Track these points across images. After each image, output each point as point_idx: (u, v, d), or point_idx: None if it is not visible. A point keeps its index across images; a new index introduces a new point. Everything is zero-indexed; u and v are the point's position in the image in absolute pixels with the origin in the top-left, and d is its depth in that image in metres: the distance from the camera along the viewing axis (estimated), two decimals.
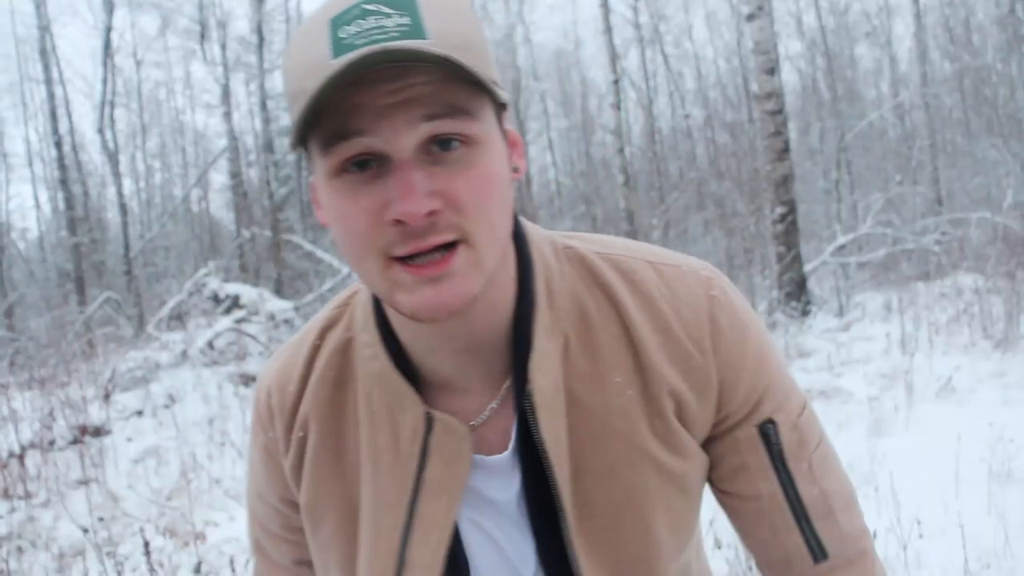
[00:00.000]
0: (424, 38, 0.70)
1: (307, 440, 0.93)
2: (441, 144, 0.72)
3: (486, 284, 0.77)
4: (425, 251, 0.73)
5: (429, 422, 0.86)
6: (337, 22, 0.71)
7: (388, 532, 0.87)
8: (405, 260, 0.74)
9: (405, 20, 0.70)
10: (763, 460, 0.90)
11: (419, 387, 0.88)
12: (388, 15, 0.71)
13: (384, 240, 0.73)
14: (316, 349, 0.96)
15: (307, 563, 1.03)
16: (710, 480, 0.95)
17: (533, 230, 0.92)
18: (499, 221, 0.77)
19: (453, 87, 0.72)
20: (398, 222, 0.71)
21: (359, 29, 0.70)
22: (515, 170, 0.83)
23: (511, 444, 0.88)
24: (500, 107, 0.80)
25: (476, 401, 0.88)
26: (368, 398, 0.90)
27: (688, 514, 0.93)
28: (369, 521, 0.89)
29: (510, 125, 0.84)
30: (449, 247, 0.73)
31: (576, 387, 0.87)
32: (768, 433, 0.90)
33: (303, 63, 0.73)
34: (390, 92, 0.70)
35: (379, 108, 0.70)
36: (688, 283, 0.89)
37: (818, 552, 0.92)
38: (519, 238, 0.89)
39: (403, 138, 0.71)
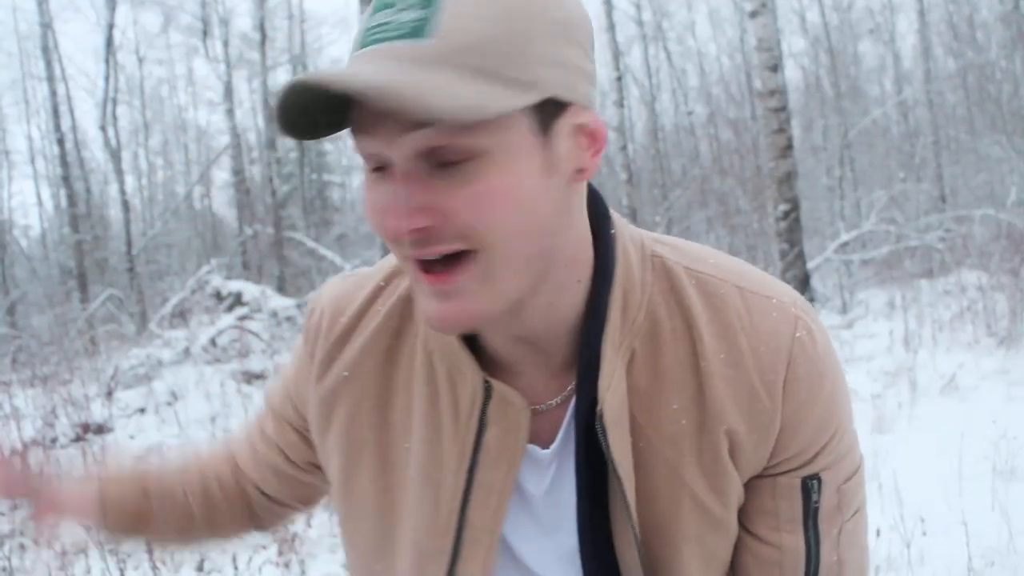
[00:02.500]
0: (425, 37, 0.66)
1: (351, 382, 0.92)
2: (441, 154, 0.68)
3: (506, 304, 0.73)
4: (431, 258, 0.70)
5: (487, 390, 0.84)
6: (378, 6, 0.69)
7: (450, 493, 0.86)
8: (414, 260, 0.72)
9: (418, 14, 0.66)
10: (796, 513, 0.86)
11: (479, 356, 0.86)
12: (409, 7, 0.67)
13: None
14: (380, 290, 0.94)
15: (267, 466, 1.07)
16: None
17: (624, 231, 0.86)
18: (518, 237, 0.71)
19: None
20: None
21: (378, 22, 0.68)
22: (580, 171, 0.76)
23: (556, 441, 0.87)
24: (553, 107, 0.71)
25: (531, 387, 0.86)
26: (429, 357, 0.88)
27: (723, 550, 0.89)
28: (427, 479, 0.87)
29: (587, 119, 0.74)
30: (459, 255, 0.70)
31: (632, 404, 0.83)
32: (810, 488, 0.86)
33: (352, 40, 0.72)
34: None
35: (377, 111, 0.66)
36: (773, 319, 0.83)
37: None
38: (604, 240, 0.84)
39: (395, 147, 0.68)
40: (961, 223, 10.93)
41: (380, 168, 0.71)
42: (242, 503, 1.13)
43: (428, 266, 0.71)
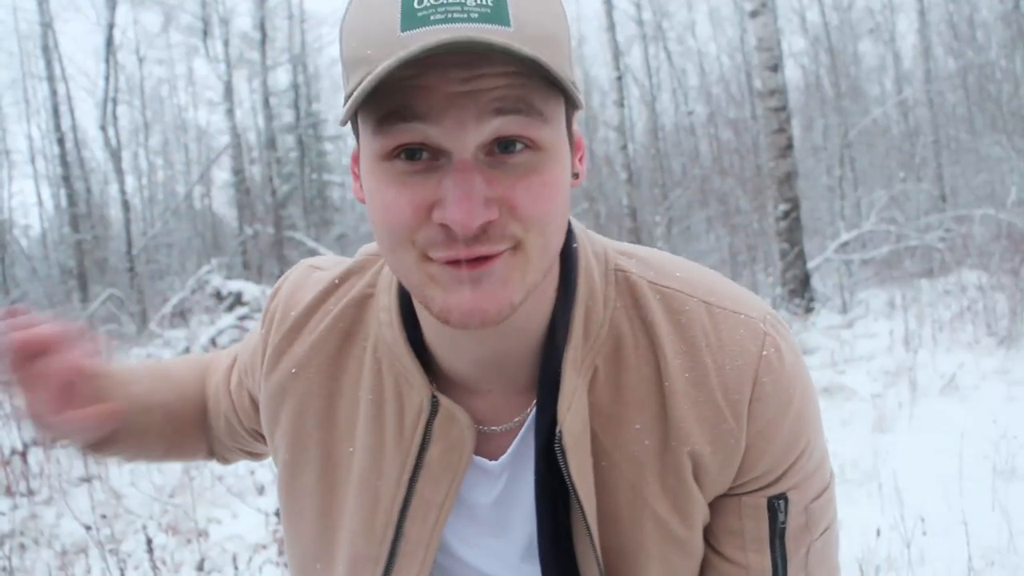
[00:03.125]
0: (506, 24, 0.63)
1: (298, 380, 0.90)
2: (504, 146, 0.66)
3: (527, 296, 0.71)
4: (468, 258, 0.67)
5: (434, 405, 0.82)
6: None
7: (388, 503, 0.85)
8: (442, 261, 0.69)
9: (487, 0, 0.63)
10: (762, 533, 0.84)
11: (429, 369, 0.84)
12: None
13: (424, 238, 0.68)
14: (333, 288, 0.92)
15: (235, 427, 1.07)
16: None
17: (587, 244, 0.86)
18: (555, 233, 0.71)
19: (529, 84, 0.65)
20: (446, 226, 0.66)
21: (435, 1, 0.63)
22: (575, 176, 0.77)
23: (506, 454, 0.85)
24: (573, 109, 0.73)
25: (490, 408, 0.84)
26: (378, 364, 0.86)
27: (688, 569, 0.87)
28: (366, 486, 0.86)
29: (576, 127, 0.78)
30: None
31: (594, 422, 0.81)
32: (776, 508, 0.83)
33: (366, 27, 0.66)
34: (462, 79, 0.63)
35: (447, 95, 0.64)
36: (740, 335, 0.81)
37: None
38: (567, 254, 0.83)
39: (468, 133, 0.64)
40: (961, 223, 10.92)
41: (408, 158, 0.67)
42: (203, 431, 1.13)
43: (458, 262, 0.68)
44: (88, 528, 3.27)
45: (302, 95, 22.54)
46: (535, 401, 0.82)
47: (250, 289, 8.98)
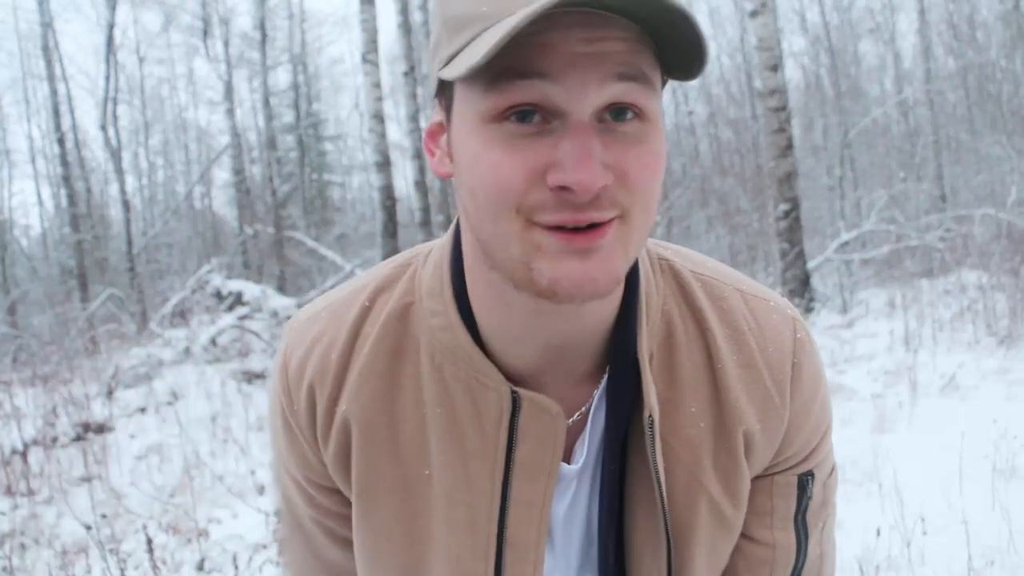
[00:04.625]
0: None
1: (357, 415, 0.83)
2: (616, 113, 0.65)
3: (628, 269, 0.70)
4: (577, 224, 0.65)
5: (515, 402, 0.78)
6: None
7: (485, 513, 0.81)
8: (551, 226, 0.66)
9: None
10: (790, 510, 0.88)
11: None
12: None
13: (533, 202, 0.65)
14: (366, 311, 0.85)
15: (341, 539, 0.94)
16: None
17: None
18: (654, 205, 0.70)
19: (645, 51, 0.64)
20: (562, 188, 0.64)
21: None
22: None
23: (582, 459, 0.83)
24: (664, 84, 0.72)
25: (556, 399, 0.81)
26: (439, 371, 0.81)
27: (727, 552, 0.90)
28: (455, 502, 0.82)
29: None
30: (603, 222, 0.66)
31: None
32: (805, 484, 0.88)
33: None
34: (585, 40, 0.62)
35: (570, 55, 0.62)
36: (775, 320, 0.85)
37: None
38: None
39: (590, 95, 0.63)
40: (961, 223, 10.92)
41: (518, 119, 0.65)
42: None
43: (564, 227, 0.66)
44: (88, 528, 3.28)
45: (302, 95, 22.55)
46: (598, 391, 0.82)
47: (250, 289, 8.97)
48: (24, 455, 5.30)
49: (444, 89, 0.71)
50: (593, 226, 0.65)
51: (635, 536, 0.84)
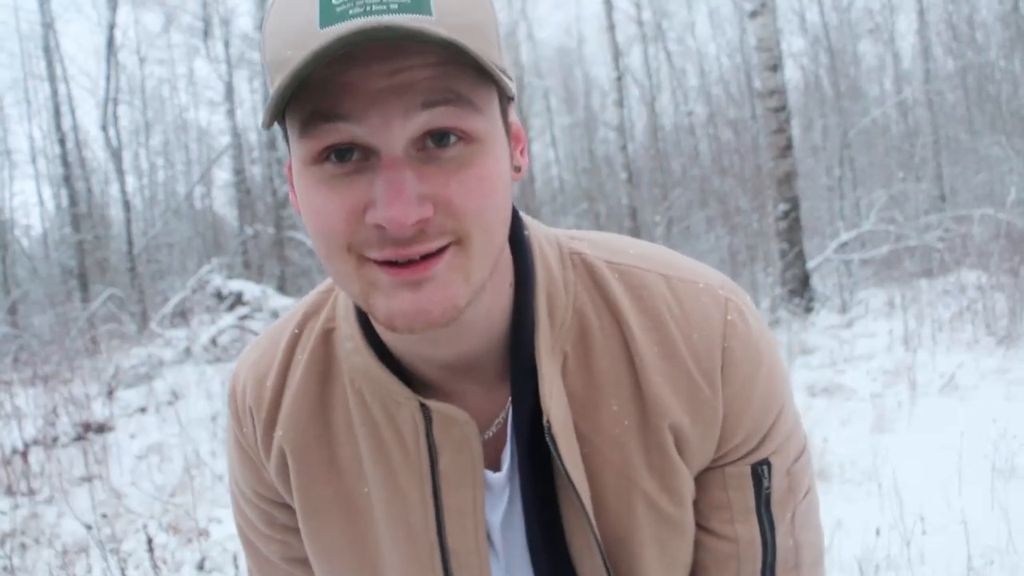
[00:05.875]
0: (427, 14, 0.61)
1: (292, 441, 0.85)
2: (437, 139, 0.64)
3: (474, 296, 0.69)
4: (405, 259, 0.65)
5: (427, 414, 0.78)
6: None
7: (422, 524, 0.82)
8: (381, 261, 0.66)
9: None
10: (748, 503, 0.84)
11: (410, 383, 0.81)
12: None
13: (359, 240, 0.65)
14: (296, 338, 0.88)
15: (298, 561, 0.95)
16: None
17: (537, 232, 0.84)
18: (496, 227, 0.68)
19: (457, 73, 0.63)
20: (380, 227, 0.63)
21: None
22: (517, 169, 0.75)
23: (506, 465, 0.83)
24: (507, 99, 0.71)
25: (470, 412, 0.80)
26: (359, 393, 0.82)
27: (682, 552, 0.86)
28: (394, 517, 0.83)
29: (515, 118, 0.75)
30: (435, 252, 0.65)
31: (571, 410, 0.80)
32: (760, 475, 0.83)
33: (286, 28, 0.63)
34: (385, 74, 0.61)
35: (371, 92, 0.61)
36: (703, 304, 0.81)
37: None
38: (519, 242, 0.81)
39: (395, 130, 0.62)
40: (961, 223, 10.92)
41: (338, 159, 0.64)
42: None
43: (397, 265, 0.66)
44: (89, 527, 3.28)
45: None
46: (510, 398, 0.81)
47: (251, 289, 8.98)
48: (25, 455, 5.31)
49: (284, 131, 0.71)
50: (426, 257, 0.65)
51: (571, 540, 0.83)
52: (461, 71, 0.63)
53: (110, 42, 15.69)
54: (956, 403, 4.99)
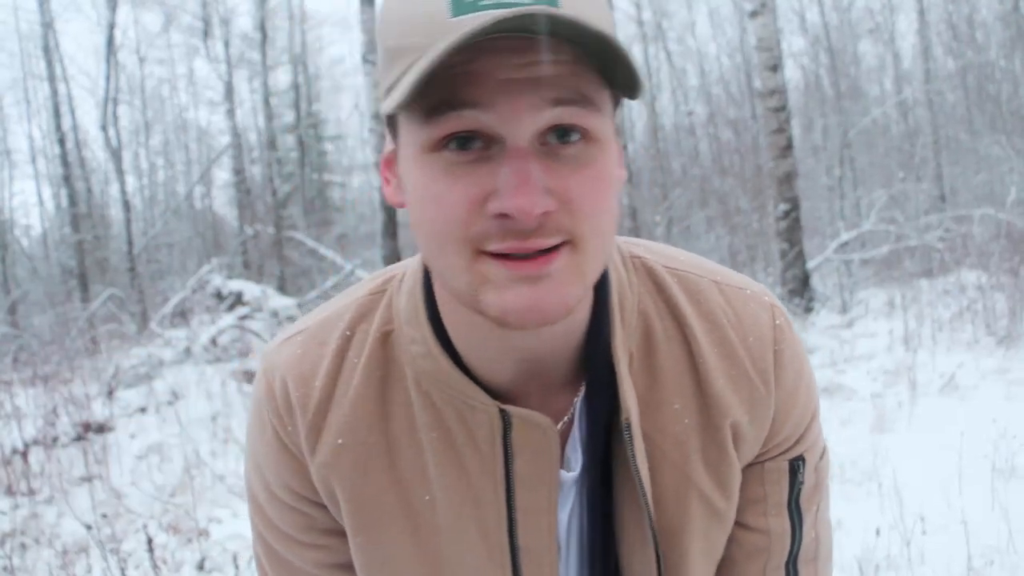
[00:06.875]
0: (555, 6, 0.61)
1: (349, 449, 0.83)
2: (560, 135, 0.64)
3: (586, 294, 0.70)
4: (524, 252, 0.64)
5: (505, 419, 0.78)
6: None
7: (495, 525, 0.82)
8: (498, 255, 0.65)
9: None
10: (782, 497, 0.88)
11: (480, 386, 0.81)
12: None
13: (478, 231, 0.64)
14: (347, 341, 0.85)
15: (339, 566, 0.91)
16: None
17: None
18: (609, 227, 0.69)
19: (585, 72, 0.63)
20: (503, 216, 0.63)
21: None
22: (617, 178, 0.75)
23: (577, 465, 0.84)
24: (617, 103, 0.71)
25: (536, 409, 0.81)
26: (428, 399, 0.81)
27: (721, 543, 0.90)
28: (464, 521, 0.83)
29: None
30: (551, 249, 0.65)
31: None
32: (797, 469, 0.88)
33: (412, 13, 0.64)
34: (517, 66, 0.61)
35: (501, 82, 0.61)
36: (753, 309, 0.85)
37: None
38: None
39: (524, 120, 0.62)
40: (961, 223, 10.92)
41: (458, 147, 0.64)
42: None
43: (512, 255, 0.65)
44: (89, 527, 3.28)
45: (302, 95, 22.53)
46: (578, 398, 0.82)
47: (251, 289, 8.98)
48: (25, 455, 5.30)
49: (391, 119, 0.70)
50: (542, 253, 0.65)
51: (624, 536, 0.85)
52: (588, 71, 0.63)
53: (110, 42, 15.68)
54: (956, 403, 4.99)
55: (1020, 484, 3.60)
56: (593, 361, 0.81)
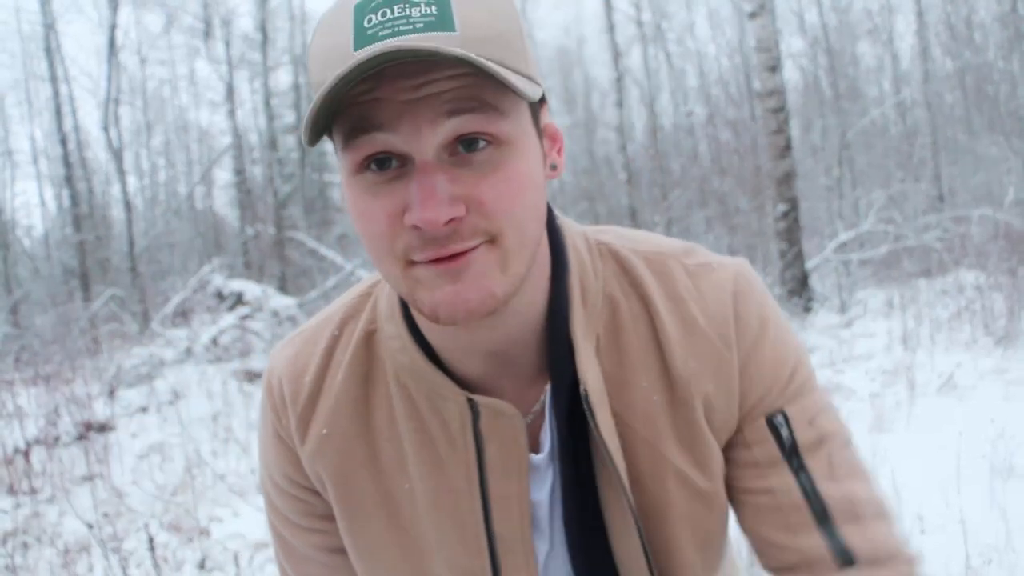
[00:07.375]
0: (451, 30, 0.66)
1: (333, 439, 0.89)
2: (467, 144, 0.68)
3: (513, 289, 0.73)
4: (445, 257, 0.70)
5: (474, 408, 0.83)
6: (362, 9, 0.67)
7: (469, 512, 0.86)
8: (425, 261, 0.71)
9: (432, 10, 0.66)
10: (773, 453, 0.86)
11: (452, 379, 0.85)
12: (416, 3, 0.67)
13: (403, 243, 0.70)
14: (335, 340, 0.92)
15: (340, 551, 0.97)
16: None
17: (567, 224, 0.89)
18: (529, 225, 0.73)
19: (481, 82, 0.67)
20: (417, 228, 0.68)
21: (383, 19, 0.66)
22: (553, 168, 0.80)
23: (547, 446, 0.87)
24: (539, 102, 0.76)
25: (511, 401, 0.85)
26: (405, 389, 0.87)
27: (717, 532, 0.90)
28: (441, 508, 0.87)
29: (550, 120, 0.80)
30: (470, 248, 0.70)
31: (606, 390, 0.85)
32: (777, 425, 0.86)
33: (326, 52, 0.70)
34: (412, 87, 0.66)
35: (402, 103, 0.67)
36: (715, 280, 0.87)
37: (843, 555, 0.83)
38: (553, 234, 0.86)
39: (424, 137, 0.67)
40: (959, 223, 10.94)
41: (378, 167, 0.70)
42: None
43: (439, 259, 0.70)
44: (90, 526, 3.29)
45: (303, 96, 22.54)
46: (549, 381, 0.85)
47: (251, 289, 8.99)
48: (26, 454, 5.31)
49: (335, 147, 0.76)
50: (461, 253, 0.70)
51: (611, 523, 0.87)
52: (485, 80, 0.68)
53: (111, 43, 15.70)
54: (954, 403, 5.00)
55: (1018, 484, 3.61)
56: (555, 344, 0.84)
